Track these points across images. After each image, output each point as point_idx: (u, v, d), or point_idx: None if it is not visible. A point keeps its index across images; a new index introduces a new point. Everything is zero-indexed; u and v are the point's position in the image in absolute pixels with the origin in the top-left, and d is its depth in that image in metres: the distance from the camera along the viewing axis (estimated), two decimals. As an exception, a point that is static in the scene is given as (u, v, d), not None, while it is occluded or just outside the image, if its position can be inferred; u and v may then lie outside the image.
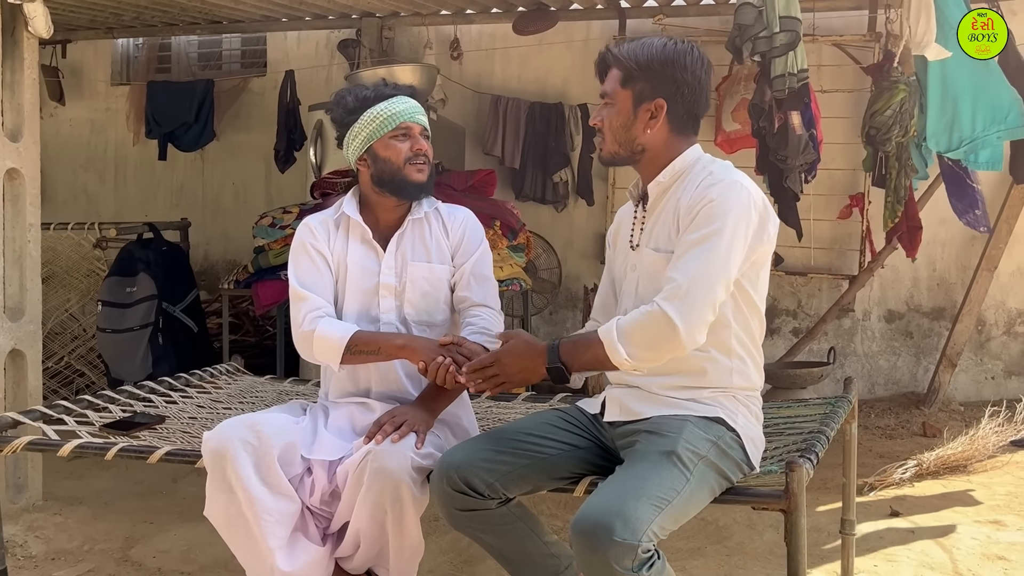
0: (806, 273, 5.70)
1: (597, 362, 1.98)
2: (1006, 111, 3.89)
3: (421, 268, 2.41)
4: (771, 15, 3.83)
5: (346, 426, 2.33)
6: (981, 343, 5.67)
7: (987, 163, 4.01)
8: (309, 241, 2.43)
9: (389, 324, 2.39)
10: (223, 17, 6.33)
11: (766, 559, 3.13)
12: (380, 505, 2.11)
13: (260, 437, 2.16)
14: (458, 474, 2.03)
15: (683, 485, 1.87)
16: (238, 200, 6.92)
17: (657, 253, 2.06)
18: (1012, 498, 3.74)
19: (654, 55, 2.05)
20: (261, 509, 2.12)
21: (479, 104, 6.26)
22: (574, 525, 1.78)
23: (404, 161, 2.35)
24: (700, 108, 2.10)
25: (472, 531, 2.16)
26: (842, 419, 2.49)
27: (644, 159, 2.11)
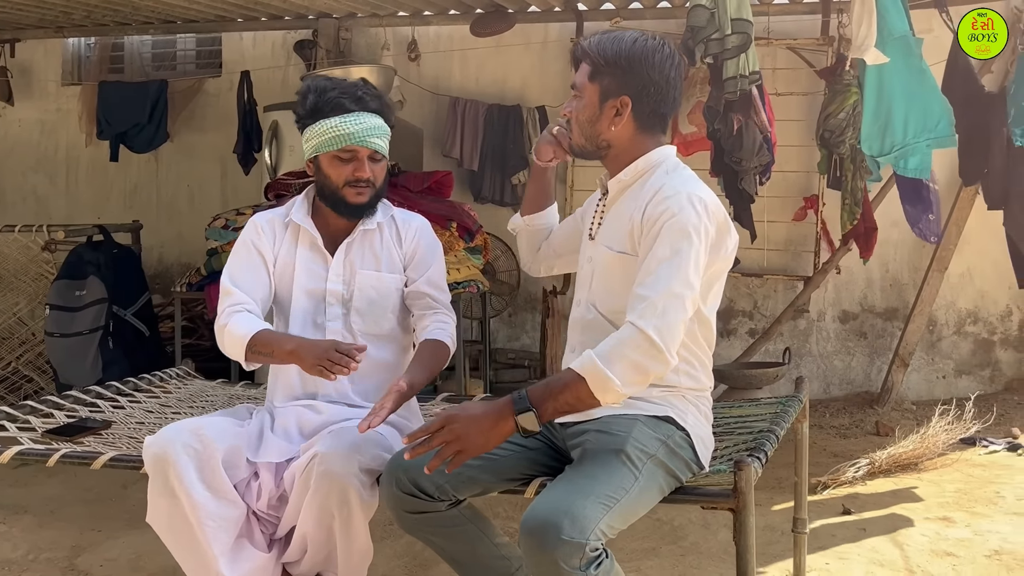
0: (762, 275, 5.76)
1: (578, 402, 1.85)
2: (936, 120, 3.97)
3: (369, 276, 2.39)
4: (723, 17, 3.86)
5: (293, 428, 2.30)
6: (932, 343, 5.76)
7: (916, 169, 4.08)
8: (252, 239, 2.41)
9: (335, 332, 2.37)
10: (177, 17, 6.25)
11: (720, 559, 3.14)
12: (327, 509, 2.08)
13: (203, 441, 2.12)
14: (407, 476, 2.02)
15: (632, 484, 1.87)
16: (193, 202, 6.82)
17: (610, 251, 2.06)
18: (961, 495, 3.80)
19: (622, 51, 2.03)
20: (204, 515, 2.08)
21: (437, 106, 6.24)
22: (523, 524, 1.77)
23: (343, 183, 2.33)
24: (667, 107, 2.08)
25: (422, 534, 2.14)
26: (793, 418, 2.51)
27: (610, 155, 2.10)
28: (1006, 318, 5.70)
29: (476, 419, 1.86)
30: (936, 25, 5.28)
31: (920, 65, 3.96)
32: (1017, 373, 5.68)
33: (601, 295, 2.09)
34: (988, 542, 3.24)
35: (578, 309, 2.16)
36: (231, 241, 4.56)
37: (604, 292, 2.08)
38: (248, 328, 2.26)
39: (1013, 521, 3.45)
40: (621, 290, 2.02)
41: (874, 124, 3.95)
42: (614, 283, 2.05)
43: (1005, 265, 5.47)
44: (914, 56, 3.96)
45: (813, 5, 5.59)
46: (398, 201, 4.37)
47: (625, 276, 2.02)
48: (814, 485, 3.88)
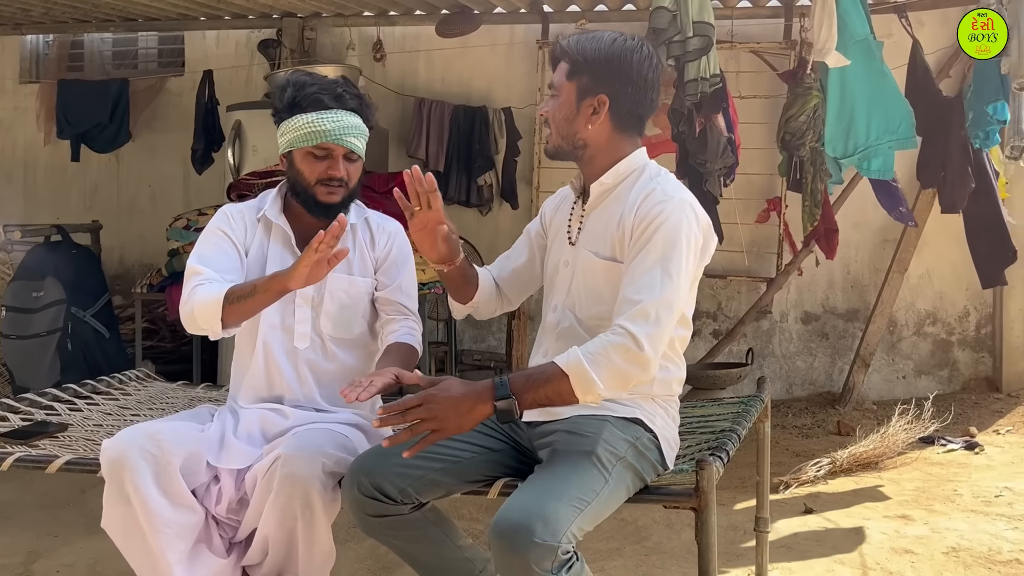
0: (726, 276, 5.80)
1: (558, 397, 1.84)
2: (898, 122, 4.03)
3: (341, 280, 2.35)
4: (685, 20, 3.89)
5: (256, 432, 2.27)
6: (893, 343, 5.84)
7: (879, 171, 4.14)
8: (221, 226, 2.34)
9: (303, 335, 2.33)
10: (138, 15, 6.17)
11: (684, 558, 3.16)
12: (290, 511, 2.06)
13: (161, 446, 2.08)
14: (369, 480, 2.00)
15: (602, 486, 1.87)
16: (155, 202, 6.74)
17: (596, 257, 2.05)
18: (920, 493, 3.86)
19: (601, 50, 2.01)
20: (160, 522, 2.05)
21: (403, 106, 6.22)
22: (493, 527, 1.75)
23: (315, 180, 2.28)
24: (645, 108, 2.07)
25: (385, 537, 2.13)
26: (754, 418, 2.53)
27: (586, 155, 2.08)
28: (964, 319, 5.80)
29: (454, 401, 1.83)
30: (896, 30, 5.36)
31: (881, 68, 4.01)
32: (974, 373, 5.77)
33: (582, 301, 2.07)
34: (945, 539, 3.29)
35: (553, 314, 2.15)
36: (193, 242, 4.50)
37: (586, 298, 2.06)
38: (217, 288, 2.16)
39: (970, 519, 3.51)
40: (604, 296, 2.02)
41: (837, 126, 4.00)
42: (597, 289, 2.04)
43: (963, 267, 5.57)
44: (875, 59, 4.01)
45: (776, 9, 5.65)
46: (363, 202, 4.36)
47: (609, 283, 2.02)
48: (776, 484, 3.92)
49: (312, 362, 2.34)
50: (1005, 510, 3.59)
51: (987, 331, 5.75)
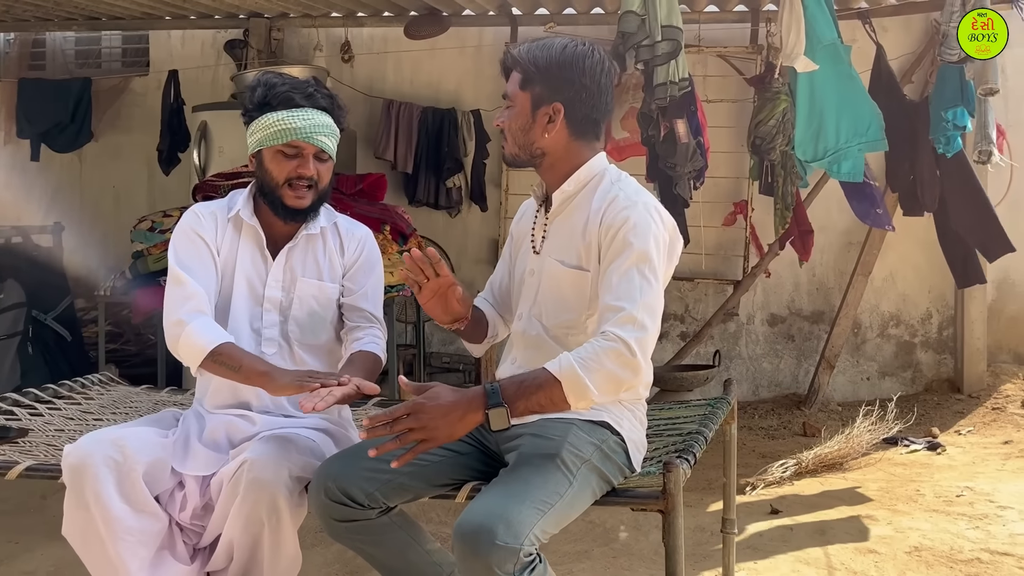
0: (693, 278, 5.84)
1: (550, 403, 1.84)
2: (867, 124, 4.08)
3: (311, 285, 2.32)
4: (653, 24, 3.91)
5: (222, 439, 2.24)
6: (857, 345, 5.91)
7: (849, 174, 4.18)
8: (194, 227, 2.29)
9: (271, 340, 2.29)
10: (102, 13, 6.08)
11: (652, 560, 3.17)
12: (256, 517, 2.04)
13: (125, 453, 2.05)
14: (336, 484, 1.98)
15: (566, 488, 1.87)
16: (119, 204, 6.64)
17: (562, 266, 2.05)
18: (883, 493, 3.91)
19: (552, 58, 2.01)
20: (121, 529, 2.01)
21: (371, 108, 6.19)
22: (456, 529, 1.75)
23: (284, 181, 2.24)
24: (600, 113, 2.07)
25: (352, 542, 2.11)
26: (721, 420, 2.55)
27: (545, 163, 2.08)
28: (926, 321, 5.88)
29: (445, 410, 1.82)
30: (860, 36, 5.44)
31: (849, 71, 4.05)
32: (936, 375, 5.86)
33: (549, 309, 2.07)
34: (908, 539, 3.33)
35: (519, 323, 2.14)
36: (157, 244, 4.46)
37: (553, 307, 2.06)
38: (212, 336, 2.15)
39: (932, 518, 3.56)
40: (571, 304, 2.03)
41: (807, 130, 4.03)
42: (564, 297, 2.04)
43: (926, 269, 5.66)
44: (843, 63, 4.05)
45: (743, 14, 5.70)
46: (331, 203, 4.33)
47: (575, 290, 2.02)
48: (743, 486, 3.95)
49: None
50: (966, 509, 3.64)
51: (949, 333, 5.84)
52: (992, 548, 3.21)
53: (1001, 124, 5.48)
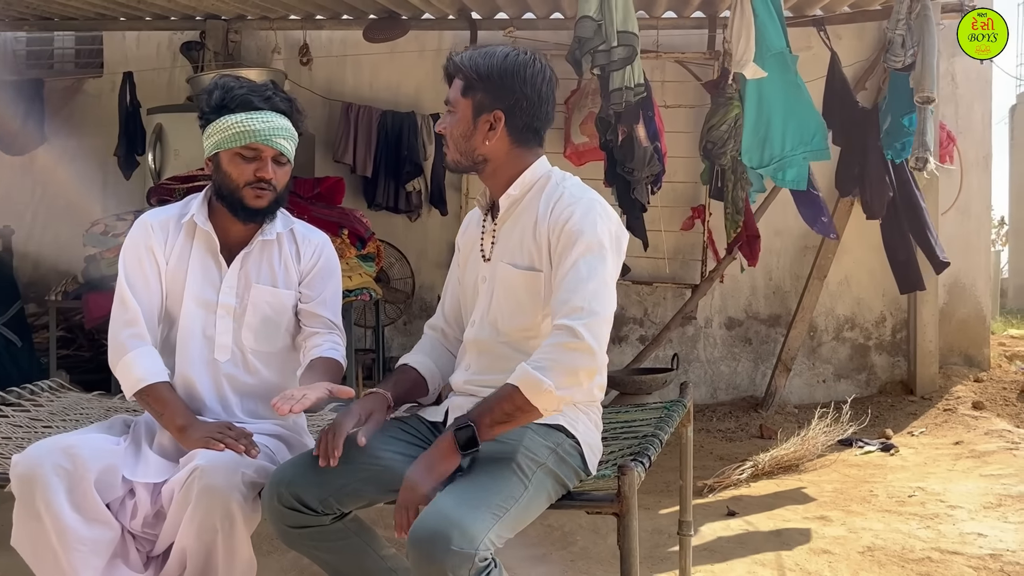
0: (652, 282, 5.88)
1: (516, 411, 1.85)
2: (812, 134, 4.14)
3: (265, 292, 2.29)
4: (609, 29, 3.93)
5: (172, 446, 2.21)
6: (813, 348, 5.99)
7: (793, 181, 4.24)
8: (144, 241, 2.27)
9: (224, 347, 2.27)
10: (54, 14, 5.99)
11: (610, 563, 3.18)
12: (209, 524, 2.01)
13: (75, 461, 2.01)
14: (289, 490, 1.97)
15: (521, 493, 1.87)
16: (72, 207, 6.50)
17: (515, 269, 2.05)
18: (838, 494, 3.96)
19: (493, 66, 2.03)
20: (73, 539, 1.98)
21: (330, 111, 6.16)
22: (411, 535, 1.75)
23: (243, 183, 2.21)
24: (541, 122, 2.08)
25: (306, 548, 2.09)
26: (677, 422, 2.56)
27: (487, 170, 2.09)
28: (880, 324, 5.98)
29: (426, 468, 1.89)
30: (815, 43, 5.52)
31: (796, 80, 4.11)
32: (890, 377, 5.96)
33: (504, 314, 2.07)
34: (861, 539, 3.38)
35: (472, 329, 2.14)
36: (111, 247, 4.38)
37: (508, 310, 2.06)
38: (146, 372, 2.17)
39: (885, 518, 3.61)
40: (526, 307, 2.03)
41: (754, 137, 4.09)
42: (518, 300, 2.04)
43: (880, 273, 5.75)
44: (790, 72, 4.11)
45: (700, 20, 5.77)
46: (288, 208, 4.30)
47: (529, 292, 2.03)
48: (700, 488, 3.98)
49: (232, 376, 2.29)
50: (918, 509, 3.70)
51: (902, 336, 5.94)
52: (942, 547, 3.27)
53: (952, 131, 5.61)
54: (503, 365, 2.04)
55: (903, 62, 4.10)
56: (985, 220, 6.13)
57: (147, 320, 2.24)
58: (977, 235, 6.01)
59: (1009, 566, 3.08)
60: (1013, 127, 13.41)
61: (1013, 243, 13.61)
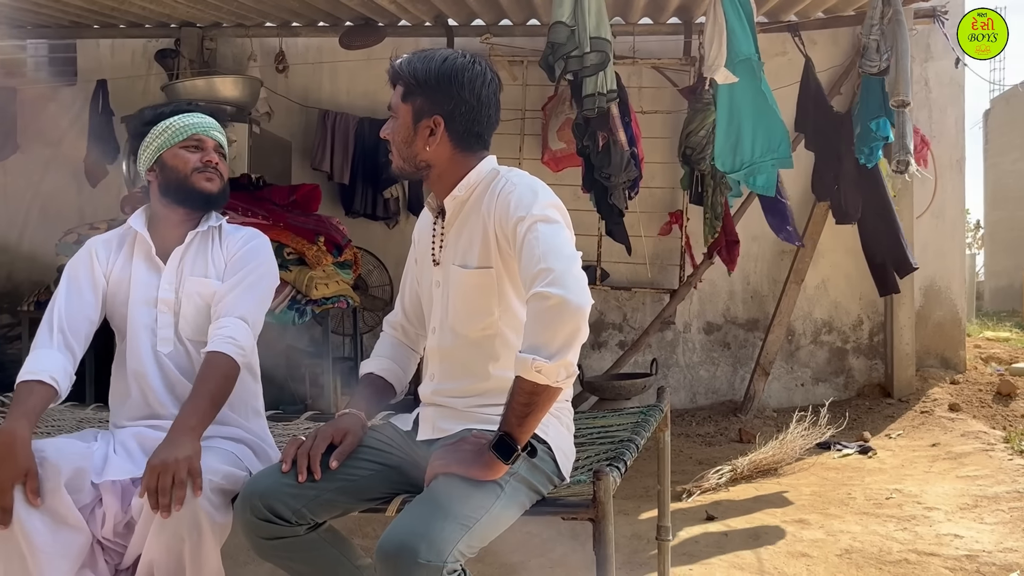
0: (630, 288, 5.89)
1: (529, 397, 1.78)
2: (779, 141, 4.16)
3: (197, 283, 2.34)
4: (582, 35, 3.93)
5: (135, 447, 2.20)
6: (791, 352, 6.01)
7: (763, 187, 4.26)
8: (83, 261, 2.35)
9: (166, 339, 2.30)
10: (26, 22, 5.93)
11: (589, 570, 3.14)
12: (177, 534, 1.98)
13: (43, 464, 1.99)
14: (262, 502, 1.94)
15: (492, 502, 1.85)
16: (46, 216, 6.46)
17: (465, 270, 2.03)
18: (816, 498, 3.97)
19: (431, 71, 2.01)
20: (41, 543, 1.95)
21: (306, 118, 6.14)
22: (379, 549, 1.72)
23: (192, 170, 2.30)
24: (483, 126, 2.06)
25: (280, 559, 2.06)
26: (654, 427, 2.55)
27: (432, 175, 2.08)
28: (857, 327, 6.01)
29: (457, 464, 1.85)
30: (790, 48, 5.56)
31: (764, 88, 4.13)
32: (868, 379, 5.99)
33: (461, 316, 2.05)
34: (839, 542, 3.39)
35: (434, 337, 2.12)
36: (84, 257, 4.34)
37: (464, 312, 2.05)
38: (29, 369, 2.16)
39: (862, 521, 3.62)
40: (481, 306, 2.02)
41: (726, 142, 4.10)
42: (474, 301, 2.03)
43: (856, 277, 5.79)
44: (756, 79, 4.13)
45: (676, 27, 5.79)
46: (264, 214, 4.27)
47: (484, 291, 2.01)
48: (679, 493, 3.98)
49: (177, 366, 2.32)
50: (895, 512, 3.72)
51: (879, 339, 5.98)
52: (919, 549, 3.28)
53: (926, 135, 5.66)
54: (467, 369, 2.04)
55: (879, 67, 4.14)
56: (960, 223, 6.18)
57: (69, 327, 2.27)
58: (952, 238, 6.06)
59: (985, 567, 3.09)
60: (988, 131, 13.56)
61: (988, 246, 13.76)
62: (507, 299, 2.01)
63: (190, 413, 2.10)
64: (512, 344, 2.01)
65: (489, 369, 2.03)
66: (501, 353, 2.02)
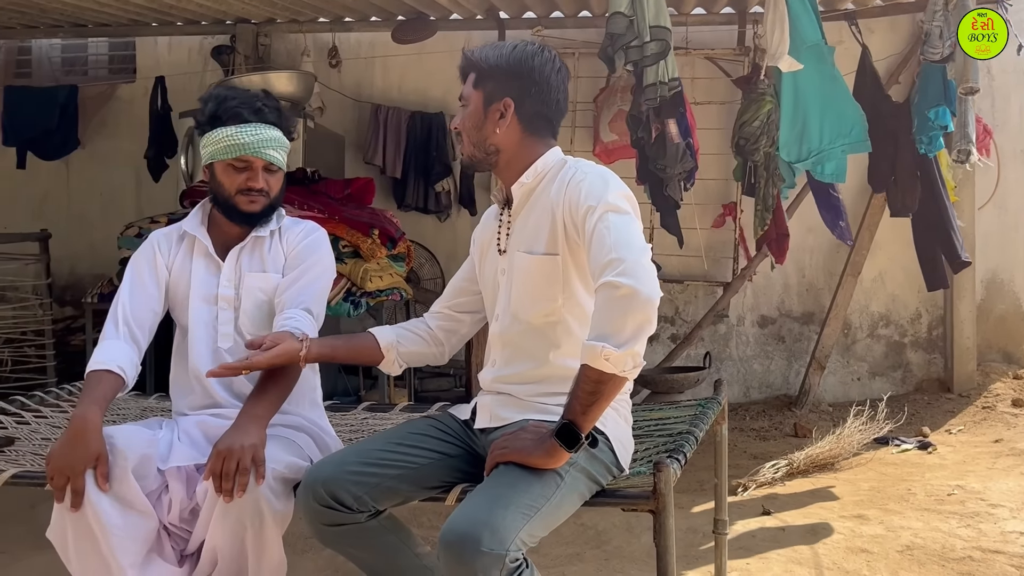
0: (683, 280, 5.84)
1: (595, 386, 1.77)
2: (850, 126, 4.08)
3: (256, 278, 2.38)
4: (642, 25, 3.91)
5: (199, 436, 2.25)
6: (847, 346, 5.92)
7: (832, 175, 4.19)
8: (145, 255, 2.40)
9: (226, 335, 2.35)
10: (87, 20, 6.07)
11: (644, 562, 3.16)
12: (240, 521, 2.03)
13: (113, 450, 2.05)
14: (325, 489, 1.97)
15: (553, 491, 1.86)
16: (106, 211, 6.61)
17: (531, 255, 2.04)
18: (875, 493, 3.91)
19: (503, 56, 2.07)
20: (112, 525, 2.01)
21: (359, 113, 6.19)
22: (442, 537, 1.74)
23: (236, 191, 2.32)
24: (551, 110, 2.09)
25: (342, 546, 2.10)
26: (711, 420, 2.54)
27: (500, 161, 2.10)
28: (916, 321, 5.90)
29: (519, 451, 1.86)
30: (846, 37, 5.46)
31: (833, 72, 4.06)
32: (927, 374, 5.87)
33: (525, 302, 2.06)
34: (900, 538, 3.33)
35: (497, 324, 2.14)
36: (145, 250, 4.43)
37: (528, 298, 2.05)
38: (98, 359, 2.21)
39: (924, 517, 3.56)
40: (546, 293, 2.02)
41: (791, 131, 4.04)
42: (538, 287, 2.03)
43: (915, 269, 5.66)
44: (827, 64, 4.06)
45: (729, 16, 5.72)
46: (319, 207, 4.32)
47: (549, 277, 2.01)
48: (734, 487, 3.94)
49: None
50: (957, 508, 3.65)
51: (938, 332, 5.85)
52: (983, 546, 3.21)
53: (988, 124, 5.52)
54: (528, 355, 2.05)
55: (941, 54, 4.05)
56: (1023, 214, 6.03)
57: (134, 319, 2.32)
58: (1015, 230, 5.91)
59: (1053, 565, 3.02)
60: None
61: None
62: (571, 287, 2.02)
63: (257, 402, 2.14)
64: (574, 332, 2.01)
65: (550, 356, 2.04)
66: (563, 341, 2.03)
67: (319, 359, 2.21)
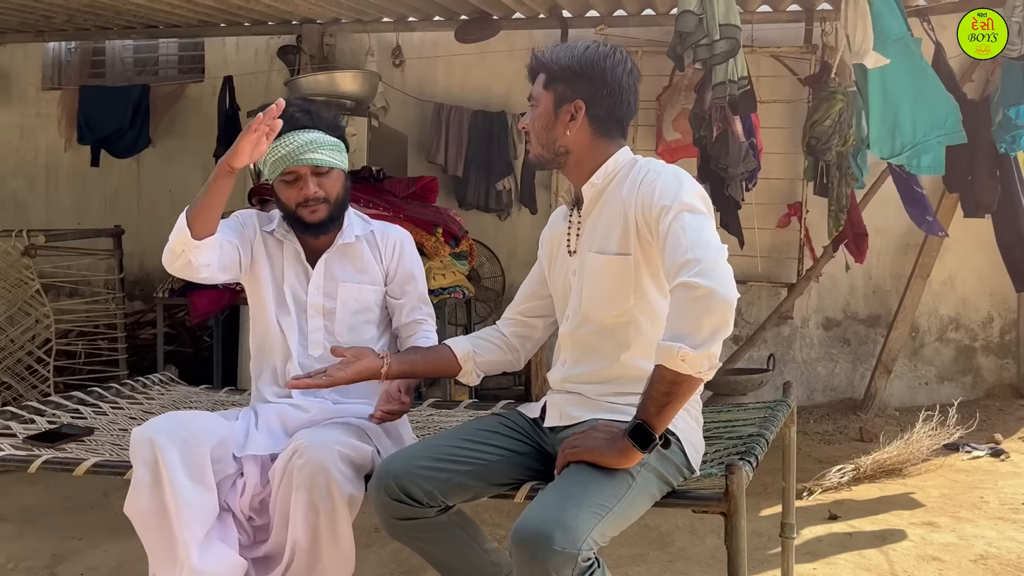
0: (746, 281, 5.76)
1: (669, 387, 1.76)
2: (944, 117, 3.97)
3: (352, 289, 2.43)
4: (711, 23, 3.87)
5: (277, 426, 2.30)
6: (915, 349, 5.79)
7: (930, 167, 4.07)
8: (240, 221, 2.44)
9: (317, 343, 2.40)
10: (159, 22, 6.22)
11: (708, 564, 3.13)
12: (312, 503, 2.08)
13: (192, 432, 2.12)
14: (396, 482, 1.99)
15: (625, 491, 1.85)
16: (175, 208, 6.64)
17: (603, 255, 2.03)
18: (946, 500, 3.82)
19: (575, 57, 2.04)
20: (183, 502, 2.07)
21: (422, 112, 6.23)
22: (514, 534, 1.74)
23: (295, 205, 2.34)
24: (622, 112, 2.07)
25: (411, 540, 2.12)
26: (781, 423, 2.50)
27: (570, 162, 2.09)
28: (987, 325, 5.74)
29: (593, 451, 1.85)
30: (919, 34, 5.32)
31: (922, 64, 3.96)
32: (998, 380, 5.72)
33: (596, 302, 2.05)
34: (973, 547, 3.25)
35: (567, 324, 2.14)
36: (214, 246, 4.52)
37: (600, 298, 2.05)
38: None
39: (997, 526, 3.47)
40: (617, 293, 2.02)
41: (882, 126, 3.93)
42: (609, 287, 2.03)
43: (987, 272, 5.52)
44: (915, 56, 3.96)
45: (796, 14, 5.63)
46: (384, 205, 4.36)
47: (620, 278, 2.01)
48: (800, 491, 3.88)
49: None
50: (1033, 518, 3.55)
51: (1011, 337, 5.69)
52: (1061, 557, 3.12)
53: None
54: (598, 355, 2.05)
55: (1020, 51, 3.93)
56: (1102, 216, 5.82)
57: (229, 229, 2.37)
58: (1094, 231, 5.72)
59: None
60: None
61: None
62: (643, 287, 2.00)
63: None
64: (645, 332, 2.00)
65: (620, 356, 2.03)
66: (633, 341, 2.02)
67: (399, 376, 2.22)
